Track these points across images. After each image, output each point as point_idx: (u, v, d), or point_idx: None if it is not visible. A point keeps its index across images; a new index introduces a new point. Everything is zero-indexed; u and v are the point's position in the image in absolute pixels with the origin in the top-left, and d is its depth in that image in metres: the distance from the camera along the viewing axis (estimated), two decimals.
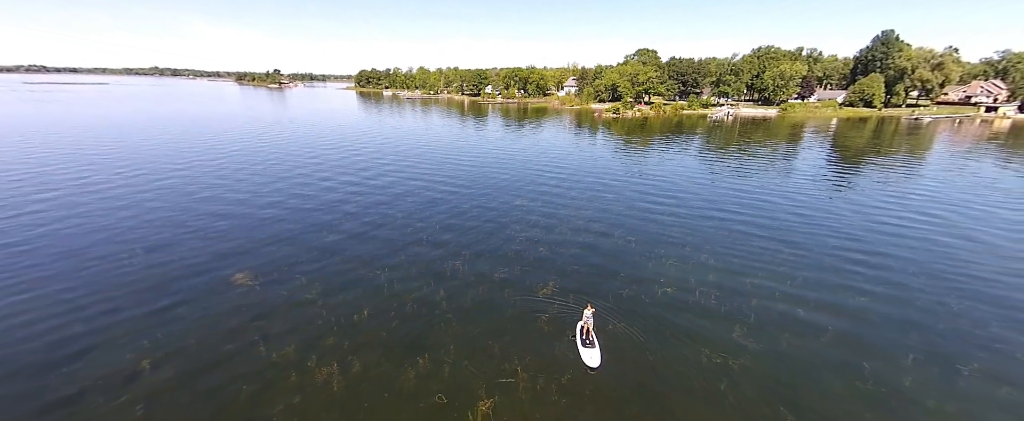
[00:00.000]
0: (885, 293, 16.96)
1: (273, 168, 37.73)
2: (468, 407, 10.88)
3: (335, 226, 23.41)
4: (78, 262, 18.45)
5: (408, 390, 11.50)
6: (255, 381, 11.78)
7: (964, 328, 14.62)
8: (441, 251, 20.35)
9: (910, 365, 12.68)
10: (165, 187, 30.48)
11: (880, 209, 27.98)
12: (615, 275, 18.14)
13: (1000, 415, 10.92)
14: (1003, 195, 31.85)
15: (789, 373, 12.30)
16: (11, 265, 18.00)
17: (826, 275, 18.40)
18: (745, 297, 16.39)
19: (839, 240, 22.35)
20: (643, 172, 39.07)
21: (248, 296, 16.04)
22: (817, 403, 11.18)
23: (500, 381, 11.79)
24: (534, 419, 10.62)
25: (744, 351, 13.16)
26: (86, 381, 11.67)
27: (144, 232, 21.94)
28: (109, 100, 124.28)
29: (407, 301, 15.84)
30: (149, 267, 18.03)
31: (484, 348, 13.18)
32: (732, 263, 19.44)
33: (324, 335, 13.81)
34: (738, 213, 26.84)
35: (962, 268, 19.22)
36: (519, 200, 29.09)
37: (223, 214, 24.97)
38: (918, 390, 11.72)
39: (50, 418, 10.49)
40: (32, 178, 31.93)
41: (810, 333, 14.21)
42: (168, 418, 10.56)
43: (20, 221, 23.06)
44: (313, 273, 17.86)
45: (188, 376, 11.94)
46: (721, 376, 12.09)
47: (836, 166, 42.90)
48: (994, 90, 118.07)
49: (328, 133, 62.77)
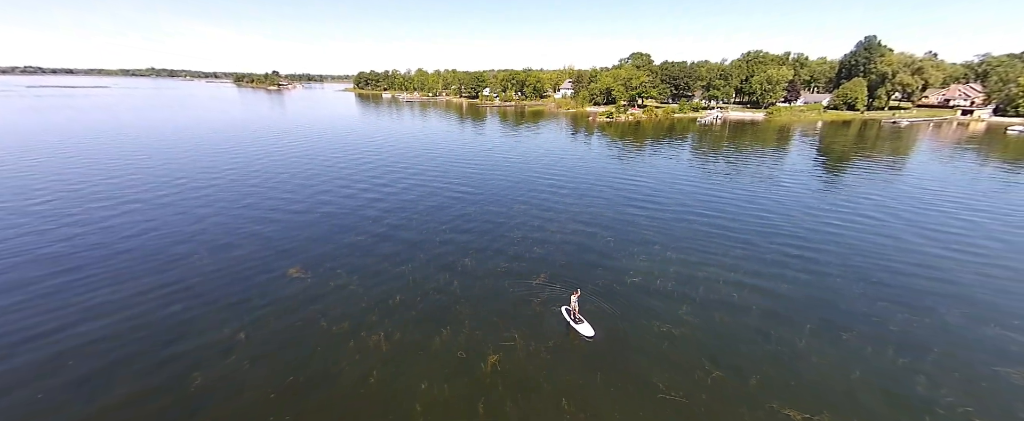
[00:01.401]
0: (807, 280, 21.40)
1: (297, 176, 41.94)
2: (481, 360, 15.24)
3: (361, 228, 27.69)
4: (163, 261, 22.70)
5: (437, 349, 15.85)
6: (324, 346, 16.09)
7: (858, 307, 19.05)
8: (453, 248, 24.68)
9: (806, 332, 17.10)
10: (210, 195, 34.68)
11: (829, 211, 32.45)
12: (596, 267, 22.52)
13: (860, 364, 15.33)
14: (941, 198, 36.41)
15: (716, 338, 16.70)
16: (108, 264, 22.24)
17: (765, 267, 22.82)
18: (695, 284, 20.79)
19: (785, 238, 26.80)
20: (629, 176, 43.48)
21: (303, 286, 20.34)
22: (731, 359, 15.56)
23: (503, 344, 16.15)
24: (528, 368, 14.98)
25: (686, 323, 17.56)
26: (198, 345, 15.96)
27: (206, 237, 26.17)
28: (122, 107, 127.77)
29: (429, 289, 20.16)
30: (218, 265, 22.30)
31: (490, 322, 17.53)
32: (691, 257, 23.85)
33: (368, 314, 18.12)
34: (705, 214, 31.29)
35: (876, 262, 23.66)
36: (517, 205, 33.41)
37: (266, 219, 29.22)
38: (807, 349, 16.14)
39: (173, 370, 14.76)
40: (94, 190, 36.08)
41: (740, 310, 18.61)
42: (268, 371, 14.84)
43: (107, 229, 27.27)
44: (351, 268, 22.16)
45: (275, 344, 16.24)
46: (665, 340, 16.48)
47: (803, 172, 47.36)
48: (971, 94, 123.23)
49: (339, 141, 66.92)
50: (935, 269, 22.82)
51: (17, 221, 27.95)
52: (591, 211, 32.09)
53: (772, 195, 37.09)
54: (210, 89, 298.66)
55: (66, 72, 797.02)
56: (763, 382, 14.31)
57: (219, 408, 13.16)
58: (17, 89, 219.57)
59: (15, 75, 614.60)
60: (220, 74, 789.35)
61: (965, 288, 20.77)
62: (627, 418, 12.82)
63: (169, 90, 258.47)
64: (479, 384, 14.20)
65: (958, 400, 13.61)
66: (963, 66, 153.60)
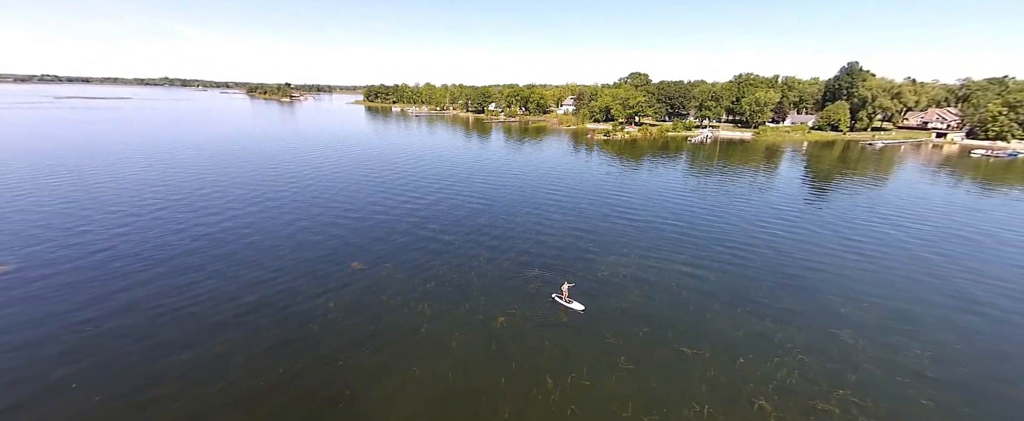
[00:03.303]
0: (731, 271, 28.97)
1: (348, 189, 50.22)
2: (493, 320, 22.91)
3: (404, 231, 35.57)
4: (267, 255, 30.66)
5: (463, 313, 23.56)
6: (387, 310, 23.83)
7: (759, 291, 26.58)
8: (472, 246, 32.49)
9: (716, 306, 24.68)
10: (285, 206, 42.85)
11: (772, 222, 40.00)
12: (580, 262, 30.20)
13: (744, 325, 22.85)
14: (871, 213, 43.95)
15: (653, 308, 24.31)
16: (237, 256, 30.23)
17: (704, 262, 30.41)
18: (649, 273, 28.45)
19: (728, 242, 34.38)
20: (617, 191, 51.39)
21: (365, 275, 28.16)
22: (659, 321, 23.13)
23: (508, 311, 23.83)
24: (524, 326, 22.61)
25: (634, 300, 25.19)
26: (306, 308, 23.75)
27: (294, 240, 34.17)
28: (165, 120, 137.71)
29: (455, 277, 27.92)
30: (300, 259, 30.19)
31: (499, 299, 25.23)
32: (653, 254, 31.54)
33: (414, 291, 25.88)
34: (672, 223, 39.05)
35: (792, 261, 31.18)
36: (523, 215, 41.26)
37: (333, 225, 37.25)
38: (712, 316, 23.69)
39: (294, 320, 22.49)
40: (191, 200, 44.37)
41: (675, 291, 26.22)
42: (351, 325, 22.55)
43: (225, 230, 35.38)
44: (397, 261, 29.99)
45: (353, 309, 24.00)
46: (618, 311, 24.11)
47: (766, 189, 54.92)
48: (947, 117, 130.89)
49: (374, 159, 75.41)
50: (832, 267, 30.37)
51: (154, 225, 36.16)
52: (583, 220, 39.94)
53: (729, 208, 44.73)
54: (227, 101, 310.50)
55: (82, 81, 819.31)
56: (675, 334, 21.90)
57: (321, 345, 20.86)
58: (45, 100, 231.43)
59: (33, 84, 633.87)
60: (232, 84, 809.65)
61: (848, 280, 28.30)
62: (585, 352, 20.43)
63: (191, 102, 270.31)
64: (491, 333, 21.88)
65: (799, 346, 21.10)
66: (945, 89, 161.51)
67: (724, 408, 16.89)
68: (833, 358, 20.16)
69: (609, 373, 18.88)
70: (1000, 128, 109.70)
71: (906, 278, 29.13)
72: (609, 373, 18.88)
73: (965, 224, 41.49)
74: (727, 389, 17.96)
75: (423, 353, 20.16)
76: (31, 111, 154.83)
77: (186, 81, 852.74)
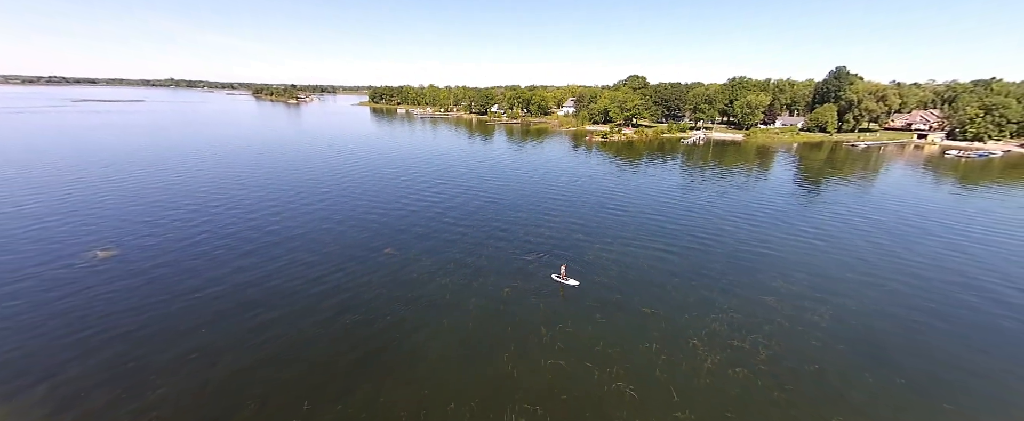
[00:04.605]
0: (695, 256, 35.61)
1: (375, 186, 57.11)
2: (500, 290, 29.69)
3: (425, 223, 42.40)
4: (316, 242, 37.56)
5: (477, 285, 30.37)
6: (419, 285, 30.65)
7: (712, 269, 33.23)
8: (484, 235, 39.28)
9: (676, 280, 31.35)
10: (324, 202, 49.81)
11: (737, 216, 46.57)
12: (571, 248, 36.93)
13: (696, 293, 29.51)
14: (828, 210, 50.46)
15: (630, 282, 31.00)
16: (299, 242, 37.17)
17: (673, 247, 37.08)
18: (631, 256, 35.15)
19: (696, 231, 41.01)
20: (610, 188, 58.12)
21: (396, 258, 34.98)
22: (629, 293, 29.81)
23: (512, 284, 30.62)
24: (525, 294, 29.36)
25: (615, 277, 31.91)
26: (353, 283, 30.60)
27: (327, 228, 41.09)
28: (194, 122, 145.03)
29: (469, 259, 34.72)
30: (344, 246, 37.06)
31: (505, 275, 31.99)
32: (634, 241, 38.24)
33: (436, 270, 32.68)
34: (653, 216, 45.73)
35: (745, 247, 37.82)
36: (526, 209, 48.06)
37: (362, 216, 44.16)
38: (672, 288, 30.35)
39: (341, 298, 29.34)
40: (246, 199, 51.43)
41: (645, 270, 32.91)
42: (388, 295, 29.38)
43: (269, 226, 42.35)
44: (421, 247, 36.80)
45: (390, 284, 30.84)
46: (599, 285, 30.83)
47: (743, 188, 61.40)
48: (930, 119, 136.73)
49: (395, 160, 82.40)
50: (777, 251, 36.99)
51: (230, 216, 43.19)
52: (576, 213, 46.73)
53: (702, 205, 51.35)
54: (236, 103, 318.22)
55: (88, 82, 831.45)
56: (640, 299, 28.60)
57: (373, 309, 27.68)
58: (64, 104, 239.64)
59: (40, 85, 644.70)
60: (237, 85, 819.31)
61: (786, 262, 34.91)
62: (569, 312, 27.15)
63: (204, 104, 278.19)
64: (499, 299, 28.64)
65: (732, 307, 27.75)
66: (932, 91, 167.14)
67: (668, 345, 23.63)
68: (755, 315, 26.87)
69: (587, 324, 25.66)
70: (977, 129, 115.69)
71: (834, 260, 35.77)
72: (587, 324, 25.66)
73: (902, 218, 48.02)
74: (672, 334, 24.71)
75: (448, 312, 26.98)
76: (57, 115, 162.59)
77: (191, 82, 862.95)
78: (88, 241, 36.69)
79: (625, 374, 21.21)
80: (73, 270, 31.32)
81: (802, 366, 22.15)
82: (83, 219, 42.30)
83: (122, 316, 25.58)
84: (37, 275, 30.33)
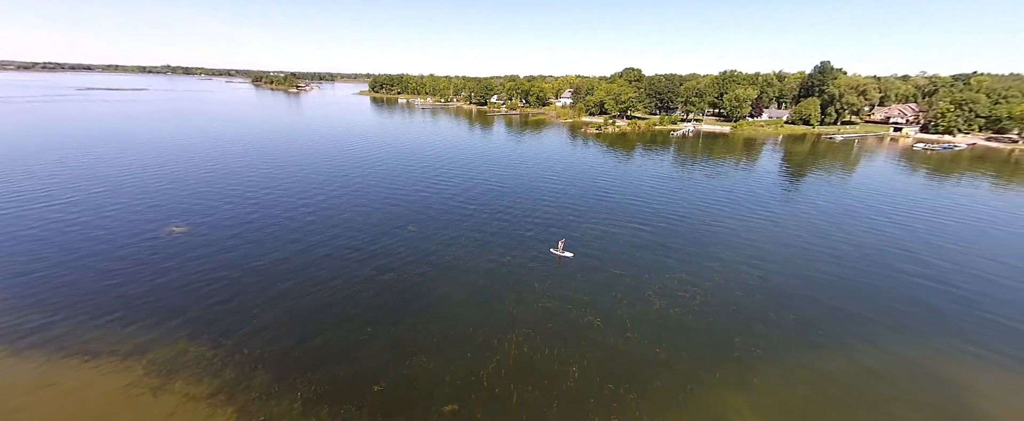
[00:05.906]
0: (664, 233, 43.46)
1: (396, 174, 64.60)
2: (503, 258, 37.53)
3: (441, 205, 50.07)
4: (347, 220, 45.23)
5: (484, 255, 38.18)
6: (438, 254, 38.42)
7: (677, 242, 41.07)
8: (488, 216, 46.99)
9: (648, 254, 39.24)
10: (350, 187, 57.37)
11: (708, 202, 54.37)
12: (563, 226, 44.70)
13: (658, 262, 37.41)
14: (789, 192, 58.26)
15: (609, 253, 38.84)
16: (336, 221, 44.84)
17: (650, 225, 44.88)
18: (612, 233, 42.95)
19: (669, 211, 48.79)
20: (599, 175, 65.85)
21: (418, 235, 42.72)
22: (611, 262, 37.65)
23: (512, 254, 38.42)
24: (524, 261, 37.21)
25: (597, 249, 39.74)
26: (390, 254, 38.38)
27: (359, 209, 48.74)
28: (208, 112, 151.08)
29: (477, 235, 42.47)
30: (373, 224, 44.76)
31: (507, 247, 39.79)
32: (618, 220, 46.03)
33: (451, 243, 40.45)
34: (634, 199, 53.50)
35: (711, 227, 45.67)
36: (527, 193, 55.73)
37: (389, 201, 51.80)
38: (644, 260, 38.25)
39: (378, 261, 37.11)
40: (280, 188, 58.91)
41: (625, 243, 40.73)
42: (413, 263, 37.18)
43: (317, 212, 49.97)
44: (438, 224, 44.51)
45: (419, 253, 38.61)
46: (586, 256, 38.70)
47: (718, 174, 69.09)
48: (908, 113, 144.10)
49: (409, 152, 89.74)
50: (734, 227, 44.87)
51: (287, 205, 50.72)
52: (569, 197, 54.53)
53: (679, 188, 59.12)
54: (238, 91, 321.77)
55: (84, 68, 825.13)
56: (613, 265, 36.47)
57: (403, 269, 35.45)
58: (70, 92, 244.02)
59: (36, 72, 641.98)
60: (235, 72, 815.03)
61: (738, 236, 42.78)
62: (557, 274, 35.02)
63: (209, 93, 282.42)
64: (502, 264, 36.46)
65: (684, 271, 35.63)
66: (914, 85, 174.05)
67: (628, 294, 31.58)
68: (699, 275, 34.87)
69: (570, 281, 33.60)
70: (948, 124, 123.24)
71: (776, 238, 43.72)
72: (570, 281, 33.60)
73: (845, 205, 55.93)
74: (633, 287, 32.67)
75: (463, 272, 34.84)
76: (66, 104, 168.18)
77: (188, 69, 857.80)
78: (161, 219, 44.27)
79: (595, 312, 29.18)
80: (159, 241, 38.97)
81: (725, 307, 30.18)
82: (148, 202, 49.80)
83: (215, 272, 33.38)
84: (134, 244, 38.01)
